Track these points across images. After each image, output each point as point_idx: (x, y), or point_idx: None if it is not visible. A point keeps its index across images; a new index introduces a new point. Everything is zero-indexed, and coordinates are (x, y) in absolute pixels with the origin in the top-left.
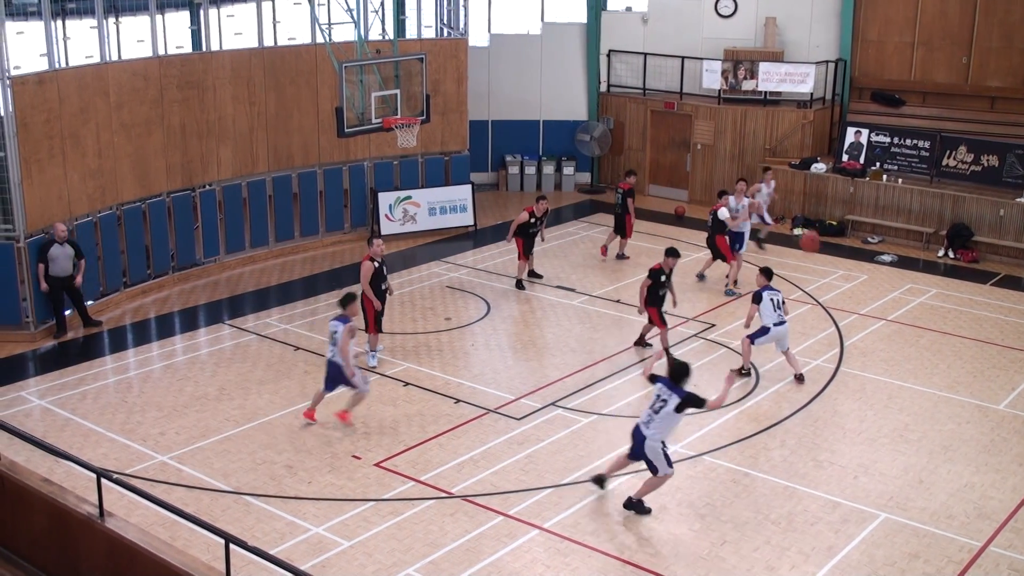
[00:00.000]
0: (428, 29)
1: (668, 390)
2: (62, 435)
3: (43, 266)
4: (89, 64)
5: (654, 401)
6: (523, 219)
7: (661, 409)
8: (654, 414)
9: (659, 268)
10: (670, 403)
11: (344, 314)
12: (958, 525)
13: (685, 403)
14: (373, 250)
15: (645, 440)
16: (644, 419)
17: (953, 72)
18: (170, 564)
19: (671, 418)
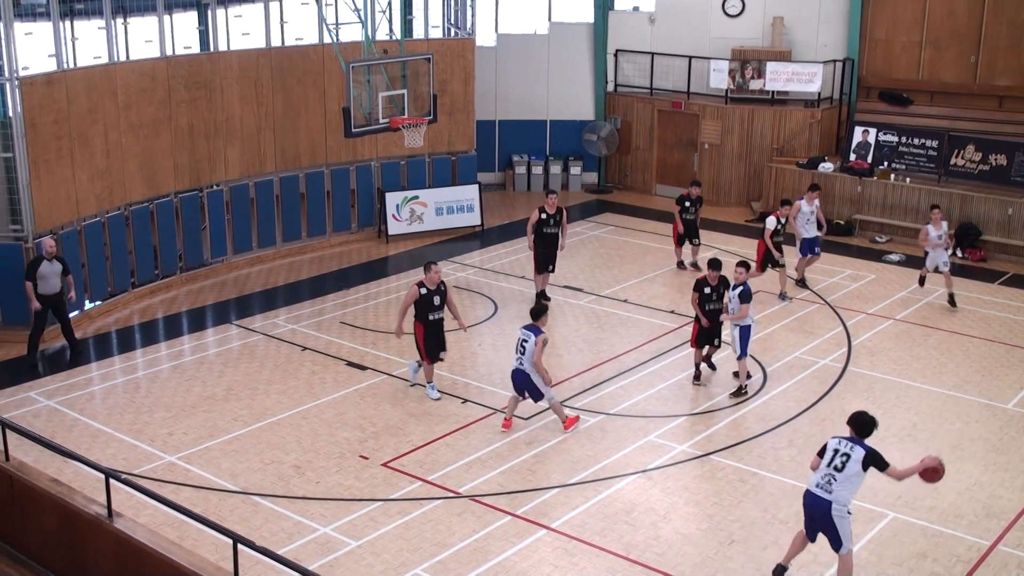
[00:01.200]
0: (435, 29)
1: (850, 445)
2: (70, 435)
3: (31, 284)
4: (97, 65)
5: (832, 458)
6: (535, 218)
7: (845, 466)
8: (836, 472)
9: (704, 279)
10: (853, 457)
11: (535, 324)
12: (967, 524)
13: (873, 458)
14: (429, 276)
15: (831, 506)
16: (821, 480)
17: (961, 71)
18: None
19: (859, 477)
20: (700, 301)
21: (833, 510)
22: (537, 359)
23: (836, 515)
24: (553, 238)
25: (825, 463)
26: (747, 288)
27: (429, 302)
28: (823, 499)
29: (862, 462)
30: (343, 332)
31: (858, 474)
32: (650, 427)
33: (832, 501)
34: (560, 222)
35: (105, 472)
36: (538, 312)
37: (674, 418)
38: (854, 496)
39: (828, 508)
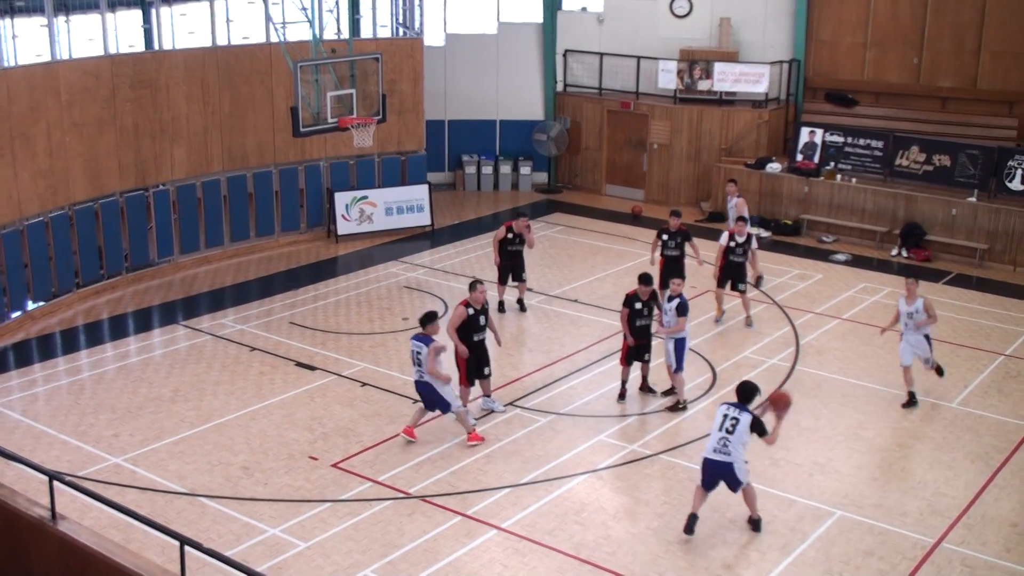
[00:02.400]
0: (384, 28)
1: (736, 409)
2: (13, 437)
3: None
4: (39, 63)
5: (723, 422)
6: (500, 235)
7: (735, 428)
8: (729, 435)
9: (634, 294)
10: (743, 420)
11: (425, 333)
12: (912, 522)
13: (759, 424)
14: (474, 295)
15: (733, 465)
16: (718, 445)
17: (905, 72)
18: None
19: (747, 436)
20: (629, 317)
21: (735, 468)
22: (431, 368)
23: (738, 471)
24: (517, 254)
25: (717, 427)
26: (684, 300)
27: (475, 322)
28: (724, 461)
29: (750, 426)
30: (292, 332)
31: (747, 434)
32: (601, 427)
33: (732, 461)
34: (525, 241)
35: (49, 474)
36: (426, 319)
37: (624, 418)
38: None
39: (731, 467)
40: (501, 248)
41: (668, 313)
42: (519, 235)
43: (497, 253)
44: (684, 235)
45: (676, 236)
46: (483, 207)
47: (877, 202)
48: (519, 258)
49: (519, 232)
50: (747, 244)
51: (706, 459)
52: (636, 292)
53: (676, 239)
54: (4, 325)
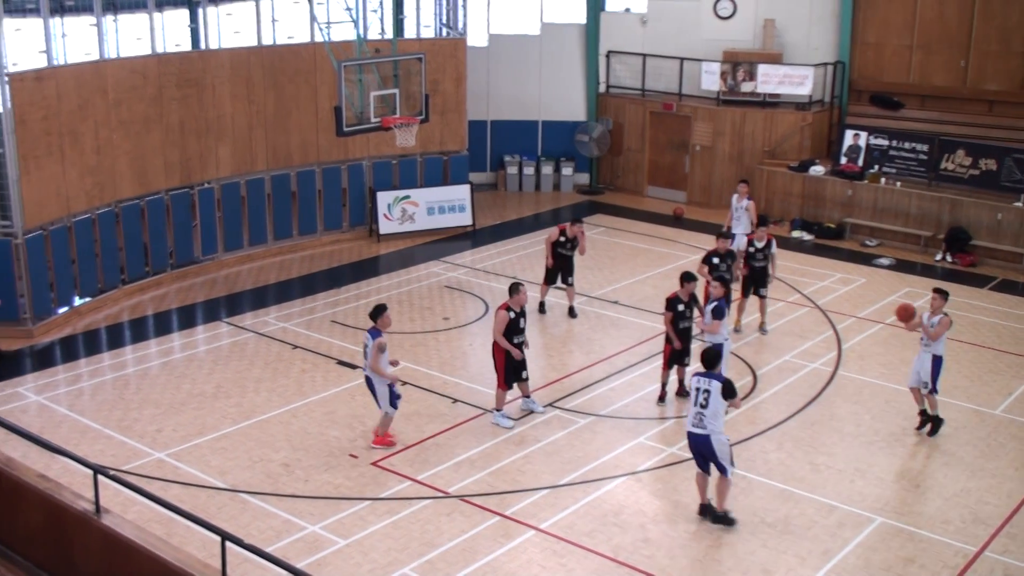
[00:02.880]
0: (427, 29)
1: (706, 379)
2: (59, 431)
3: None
4: (88, 61)
5: (696, 397)
6: (553, 237)
7: (708, 401)
8: (703, 409)
9: (675, 296)
10: (713, 391)
11: (375, 327)
12: (953, 530)
13: (728, 387)
14: (516, 298)
15: (710, 437)
16: (694, 419)
17: (951, 75)
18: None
19: (721, 406)
20: (674, 320)
21: (713, 440)
22: (373, 364)
23: (716, 443)
24: (567, 259)
25: (692, 402)
26: (720, 305)
27: (516, 326)
28: (701, 434)
29: (721, 392)
30: (334, 331)
31: (719, 403)
32: (640, 429)
33: (709, 433)
34: (576, 246)
35: (93, 468)
36: (376, 312)
37: (664, 420)
38: (723, 423)
39: (708, 440)
40: (552, 250)
41: (706, 315)
42: (572, 239)
43: (550, 255)
44: (733, 256)
45: (727, 258)
46: (524, 208)
47: (922, 206)
48: (569, 262)
49: (572, 236)
50: (767, 248)
51: (688, 433)
52: (677, 294)
53: (727, 261)
54: (51, 320)
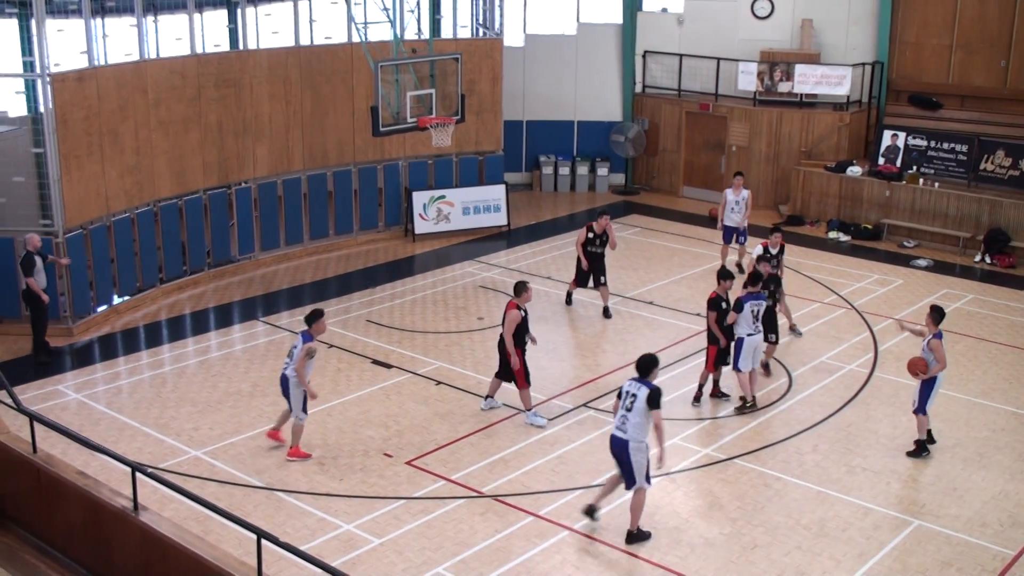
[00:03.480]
0: (464, 29)
1: (638, 384)
2: (97, 429)
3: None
4: (128, 62)
5: (624, 399)
6: (582, 238)
7: (633, 405)
8: (627, 413)
9: (716, 296)
10: (640, 397)
11: (308, 331)
12: (991, 533)
13: (654, 396)
14: (524, 296)
15: (628, 444)
16: (618, 422)
17: (992, 75)
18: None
19: (646, 415)
20: (719, 319)
21: (630, 447)
22: (298, 367)
23: (632, 450)
24: (599, 256)
25: (620, 406)
26: (738, 300)
27: (525, 325)
28: (621, 439)
29: (647, 400)
30: (369, 330)
31: (645, 412)
32: (674, 430)
33: (628, 440)
34: (606, 242)
35: (131, 466)
36: (312, 317)
37: (699, 421)
38: (648, 433)
39: (625, 446)
40: (583, 251)
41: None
42: (600, 235)
43: (584, 257)
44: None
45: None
46: (559, 208)
47: (960, 207)
48: (600, 260)
49: (600, 232)
50: (781, 254)
51: (611, 436)
52: (718, 293)
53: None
54: (90, 319)
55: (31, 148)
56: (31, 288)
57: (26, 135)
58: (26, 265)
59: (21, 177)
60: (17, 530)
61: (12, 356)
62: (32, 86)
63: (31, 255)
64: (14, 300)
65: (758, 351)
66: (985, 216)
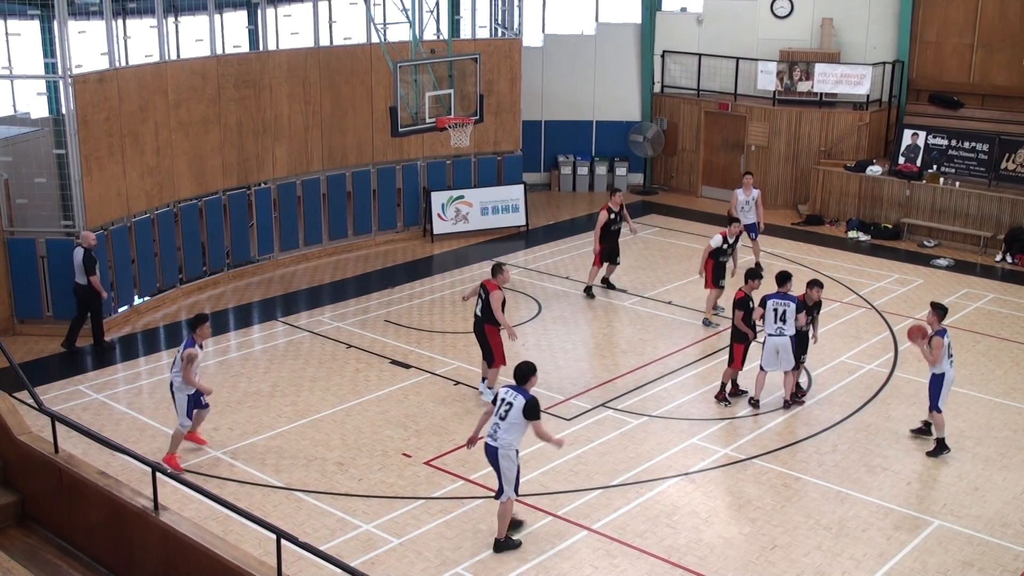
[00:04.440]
0: (482, 29)
1: (514, 392)
2: (118, 429)
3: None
4: (149, 63)
5: (499, 407)
6: (604, 219)
7: (508, 414)
8: (500, 421)
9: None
10: (516, 406)
11: (192, 335)
12: (1013, 534)
13: (531, 407)
14: (501, 277)
15: (498, 451)
16: (491, 430)
17: (1013, 74)
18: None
19: (521, 424)
20: (745, 318)
21: (499, 453)
22: (186, 375)
23: (502, 456)
24: (617, 234)
25: (495, 412)
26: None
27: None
28: (492, 446)
29: (523, 410)
30: (388, 330)
31: (520, 421)
32: (693, 430)
33: (498, 447)
34: (623, 216)
35: (152, 466)
36: (194, 322)
37: (717, 421)
38: (519, 441)
39: (496, 453)
40: (605, 231)
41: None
42: (619, 212)
43: (599, 240)
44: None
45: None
46: (578, 208)
47: (981, 206)
48: (617, 238)
49: (618, 208)
50: (735, 243)
51: (484, 444)
52: (745, 293)
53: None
54: (111, 319)
55: (52, 149)
56: (93, 285)
57: (48, 136)
58: (89, 263)
59: (43, 178)
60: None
61: (34, 357)
62: (54, 87)
63: (90, 252)
64: (36, 301)
65: (783, 353)
66: (1006, 215)
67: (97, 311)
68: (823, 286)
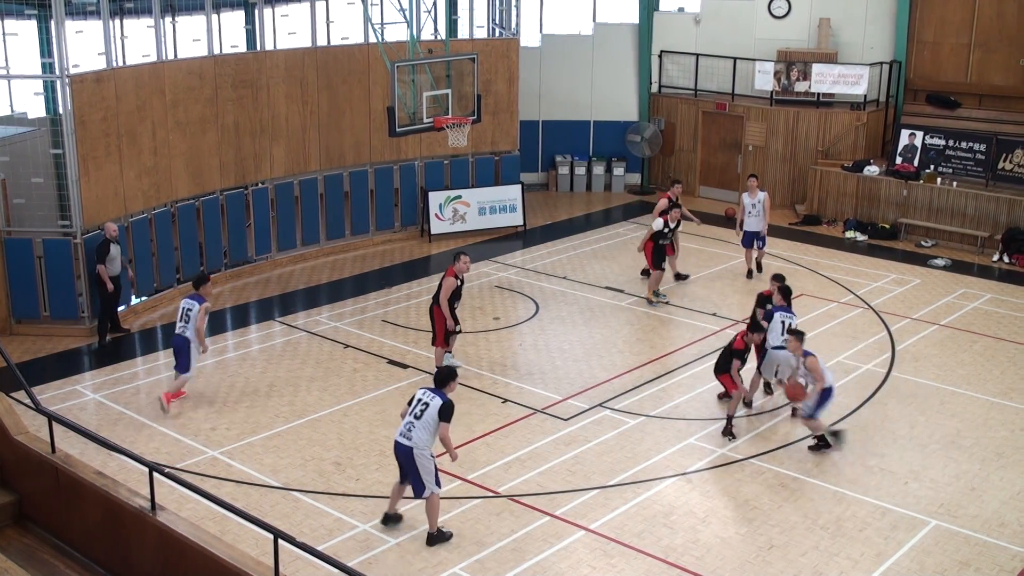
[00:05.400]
0: (480, 29)
1: (431, 393)
2: (115, 429)
3: (103, 267)
4: (146, 63)
5: (414, 407)
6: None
7: (423, 413)
8: (415, 420)
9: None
10: (432, 407)
11: (198, 293)
12: (1010, 533)
13: (446, 409)
14: (458, 266)
15: (413, 450)
16: (404, 429)
17: (1010, 74)
18: (219, 558)
19: (435, 425)
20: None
21: (415, 453)
22: (199, 326)
23: (418, 456)
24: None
25: (409, 412)
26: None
27: (459, 291)
28: (406, 445)
29: (439, 410)
30: (385, 330)
31: (434, 421)
32: (691, 430)
33: (413, 446)
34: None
35: (149, 466)
36: (199, 281)
37: (715, 421)
38: (433, 441)
39: (410, 452)
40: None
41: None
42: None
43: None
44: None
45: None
46: (575, 208)
47: (979, 206)
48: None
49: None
50: (676, 228)
51: (395, 441)
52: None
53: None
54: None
55: (50, 149)
56: (99, 275)
57: (45, 136)
58: (100, 252)
59: (40, 178)
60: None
61: (31, 356)
62: (51, 87)
63: (107, 242)
64: (33, 301)
65: (782, 368)
66: (1003, 215)
67: (105, 301)
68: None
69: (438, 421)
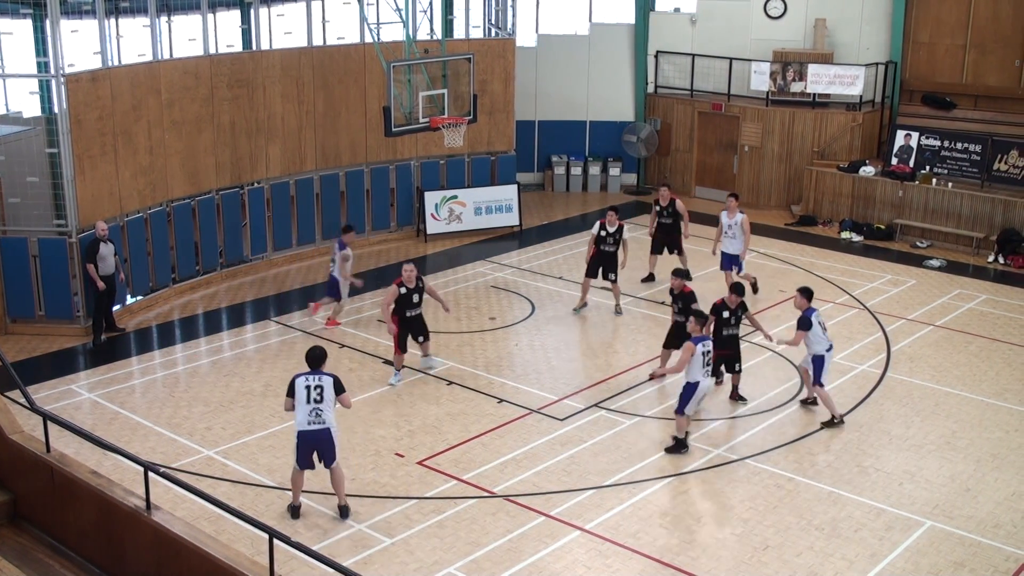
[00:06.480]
0: (476, 29)
1: (316, 376)
2: (111, 428)
3: (92, 266)
4: (141, 62)
5: (309, 394)
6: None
7: (323, 394)
8: (319, 404)
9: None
10: (327, 386)
11: (342, 239)
12: (1005, 534)
13: (339, 382)
14: (403, 276)
15: (329, 430)
16: (311, 417)
17: (1005, 75)
18: (214, 558)
19: (335, 400)
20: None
21: (332, 431)
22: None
23: (333, 433)
24: (611, 256)
25: (304, 401)
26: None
27: (409, 300)
28: (320, 429)
29: (334, 387)
30: (380, 330)
31: (333, 397)
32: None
33: (329, 426)
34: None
35: (144, 465)
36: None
37: (710, 421)
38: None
39: (328, 431)
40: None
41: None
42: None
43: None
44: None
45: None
46: (571, 208)
47: (974, 207)
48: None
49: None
50: (618, 234)
51: (302, 433)
52: (723, 300)
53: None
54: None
55: (45, 148)
56: (88, 273)
57: (40, 135)
58: (90, 251)
59: (35, 177)
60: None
61: (26, 356)
62: (46, 86)
63: (97, 241)
64: (28, 301)
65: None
66: (999, 216)
67: (98, 300)
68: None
69: (337, 395)
